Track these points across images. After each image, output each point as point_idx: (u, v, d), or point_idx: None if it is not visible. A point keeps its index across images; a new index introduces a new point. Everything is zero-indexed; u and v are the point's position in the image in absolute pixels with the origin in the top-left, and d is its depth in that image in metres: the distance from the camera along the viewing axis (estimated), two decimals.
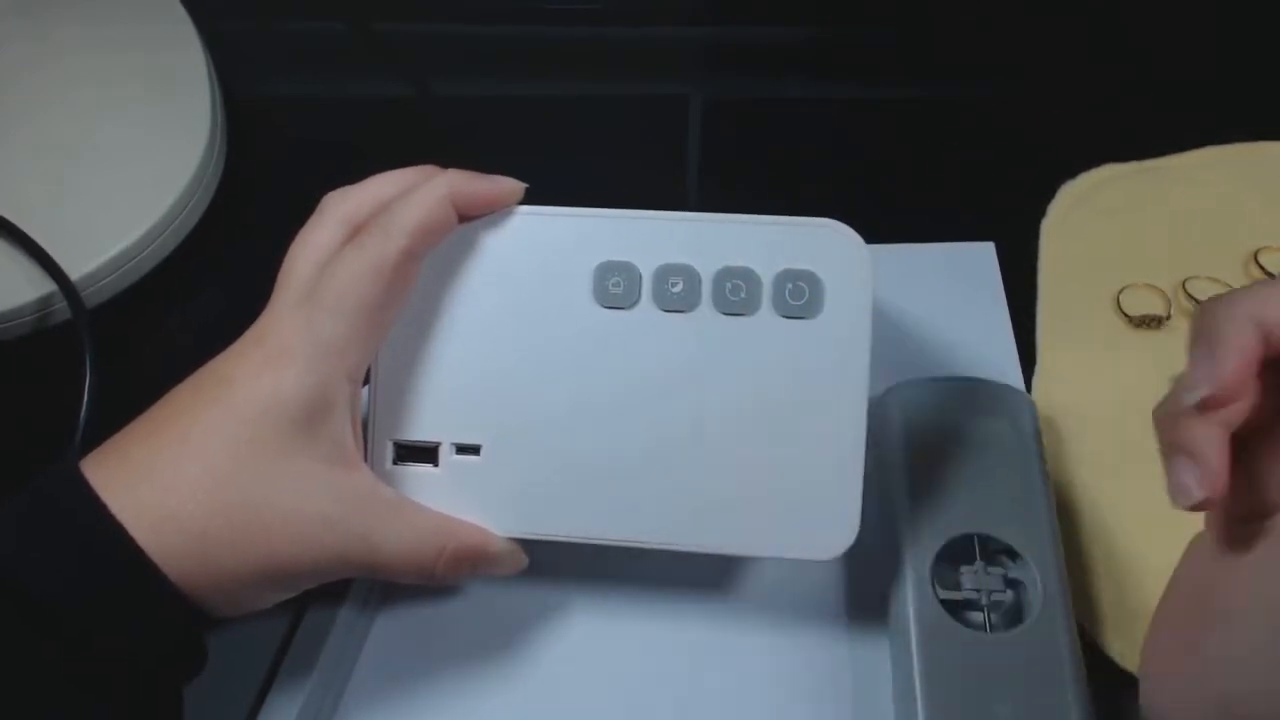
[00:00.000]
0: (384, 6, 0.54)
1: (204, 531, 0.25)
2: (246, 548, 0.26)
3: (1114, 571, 0.34)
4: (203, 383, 0.27)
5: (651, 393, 0.29)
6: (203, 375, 0.28)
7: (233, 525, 0.26)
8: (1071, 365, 0.39)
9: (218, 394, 0.27)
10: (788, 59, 0.51)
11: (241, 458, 0.26)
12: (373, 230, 0.28)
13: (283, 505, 0.26)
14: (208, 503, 0.25)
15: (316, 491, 0.27)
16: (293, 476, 0.26)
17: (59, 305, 0.40)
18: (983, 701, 0.29)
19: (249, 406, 0.26)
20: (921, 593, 0.31)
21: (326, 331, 0.27)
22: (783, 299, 0.29)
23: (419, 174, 0.30)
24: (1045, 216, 0.43)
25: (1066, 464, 0.36)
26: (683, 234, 0.29)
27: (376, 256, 0.27)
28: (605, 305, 0.29)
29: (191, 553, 0.25)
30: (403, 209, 0.28)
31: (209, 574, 0.26)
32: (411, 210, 0.28)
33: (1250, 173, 0.43)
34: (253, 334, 0.28)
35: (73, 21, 0.47)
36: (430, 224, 0.28)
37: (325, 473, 0.27)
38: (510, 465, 0.30)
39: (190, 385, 0.28)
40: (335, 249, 0.28)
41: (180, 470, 0.25)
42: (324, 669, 0.32)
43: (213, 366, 0.28)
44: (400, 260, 0.28)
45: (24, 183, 0.42)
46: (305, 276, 0.28)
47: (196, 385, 0.28)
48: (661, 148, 0.48)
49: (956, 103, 0.48)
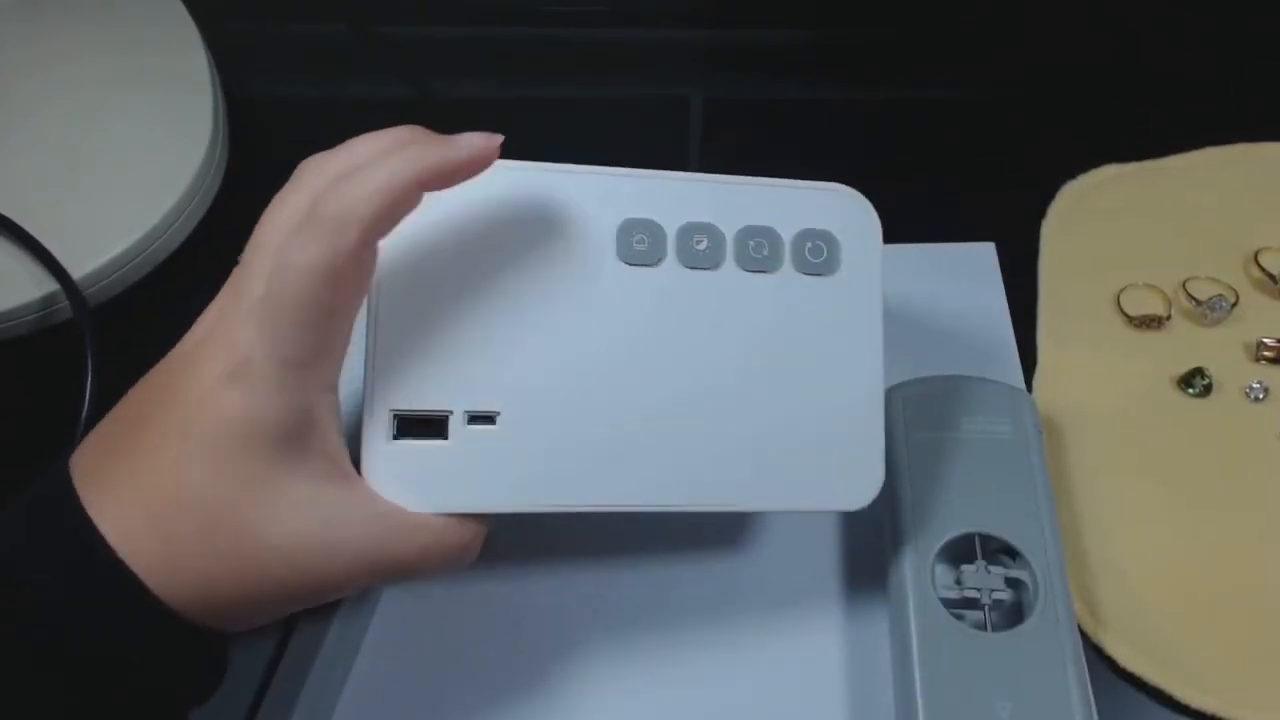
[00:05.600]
0: (385, 8, 0.54)
1: (207, 575, 0.24)
2: (252, 585, 0.25)
3: (1114, 572, 0.34)
4: (165, 401, 0.25)
5: (677, 351, 0.29)
6: (156, 390, 0.25)
7: (233, 570, 0.24)
8: (1071, 365, 0.39)
9: (186, 421, 0.24)
10: (788, 60, 0.51)
11: (227, 498, 0.24)
12: (324, 220, 0.24)
13: (282, 544, 0.24)
14: (201, 548, 0.24)
15: (314, 518, 0.25)
16: (287, 506, 0.25)
17: (61, 304, 0.40)
18: (983, 701, 0.29)
19: (226, 434, 0.24)
20: (922, 592, 0.31)
21: (290, 346, 0.24)
22: (802, 256, 0.30)
23: (396, 139, 0.26)
24: (1045, 216, 0.43)
25: (1066, 464, 0.36)
26: (704, 194, 0.30)
27: (329, 252, 0.24)
28: (630, 263, 0.29)
29: (194, 597, 0.24)
30: (356, 191, 0.24)
31: (214, 610, 0.25)
32: (365, 195, 0.24)
33: (1250, 173, 0.43)
34: (204, 331, 0.25)
35: (76, 23, 0.47)
36: (387, 210, 0.25)
37: (320, 494, 0.25)
38: (532, 432, 0.28)
39: (150, 403, 0.25)
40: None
41: (168, 518, 0.24)
42: (320, 670, 0.32)
43: (167, 382, 0.25)
44: (355, 253, 0.25)
45: (27, 182, 0.42)
46: (267, 264, 0.25)
47: (159, 405, 0.25)
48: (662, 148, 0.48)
49: (956, 103, 0.48)
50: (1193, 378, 0.38)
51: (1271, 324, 0.39)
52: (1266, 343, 0.38)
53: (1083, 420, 0.37)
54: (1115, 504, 0.36)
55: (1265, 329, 0.39)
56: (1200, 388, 0.38)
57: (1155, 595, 0.34)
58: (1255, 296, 0.40)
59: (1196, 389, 0.38)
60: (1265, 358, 0.38)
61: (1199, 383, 0.38)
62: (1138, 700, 0.32)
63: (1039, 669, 0.29)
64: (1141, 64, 0.48)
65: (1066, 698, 0.29)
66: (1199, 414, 0.37)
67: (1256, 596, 0.34)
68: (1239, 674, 0.32)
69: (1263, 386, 0.37)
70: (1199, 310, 0.39)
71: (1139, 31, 0.50)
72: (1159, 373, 0.38)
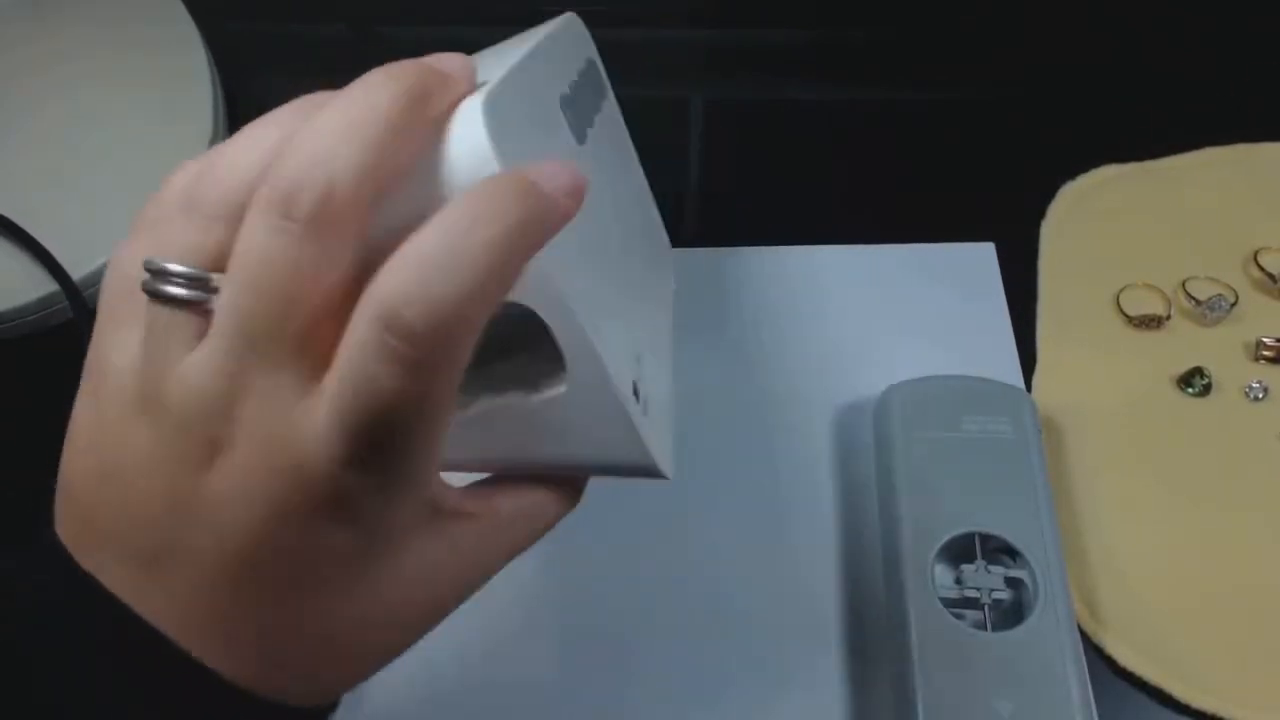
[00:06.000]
0: (385, 8, 0.54)
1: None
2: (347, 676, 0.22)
3: (1114, 571, 0.34)
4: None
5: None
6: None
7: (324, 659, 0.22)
8: (1071, 365, 0.39)
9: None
10: (788, 60, 0.51)
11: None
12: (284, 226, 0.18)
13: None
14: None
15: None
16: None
17: (60, 305, 0.40)
18: (982, 700, 0.29)
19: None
20: (921, 591, 0.31)
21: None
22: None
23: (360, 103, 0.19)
24: (1045, 216, 0.43)
25: (1066, 464, 0.36)
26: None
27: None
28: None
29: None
30: (309, 179, 0.18)
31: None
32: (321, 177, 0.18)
33: (1250, 173, 0.43)
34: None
35: (76, 22, 0.47)
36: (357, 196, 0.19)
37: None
38: (659, 381, 0.27)
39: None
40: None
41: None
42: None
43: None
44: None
45: (26, 183, 0.42)
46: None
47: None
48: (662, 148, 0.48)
49: (956, 103, 0.48)
50: (1192, 377, 0.38)
51: (1271, 324, 0.39)
52: (1266, 342, 0.38)
53: (1082, 420, 0.37)
54: (1115, 503, 0.36)
55: (1265, 329, 0.39)
56: (1200, 387, 0.38)
57: (1155, 595, 0.34)
58: (1255, 296, 0.40)
59: (1196, 389, 0.38)
60: (1265, 357, 0.38)
61: (1199, 382, 0.38)
62: (1138, 700, 0.32)
63: (1039, 669, 0.29)
64: (1141, 64, 0.48)
65: (1066, 698, 0.29)
66: (1198, 414, 0.37)
67: (1256, 596, 0.34)
68: (1239, 674, 0.32)
69: (1262, 386, 0.37)
70: (1198, 310, 0.39)
71: (1139, 31, 0.50)
72: (1159, 372, 0.38)
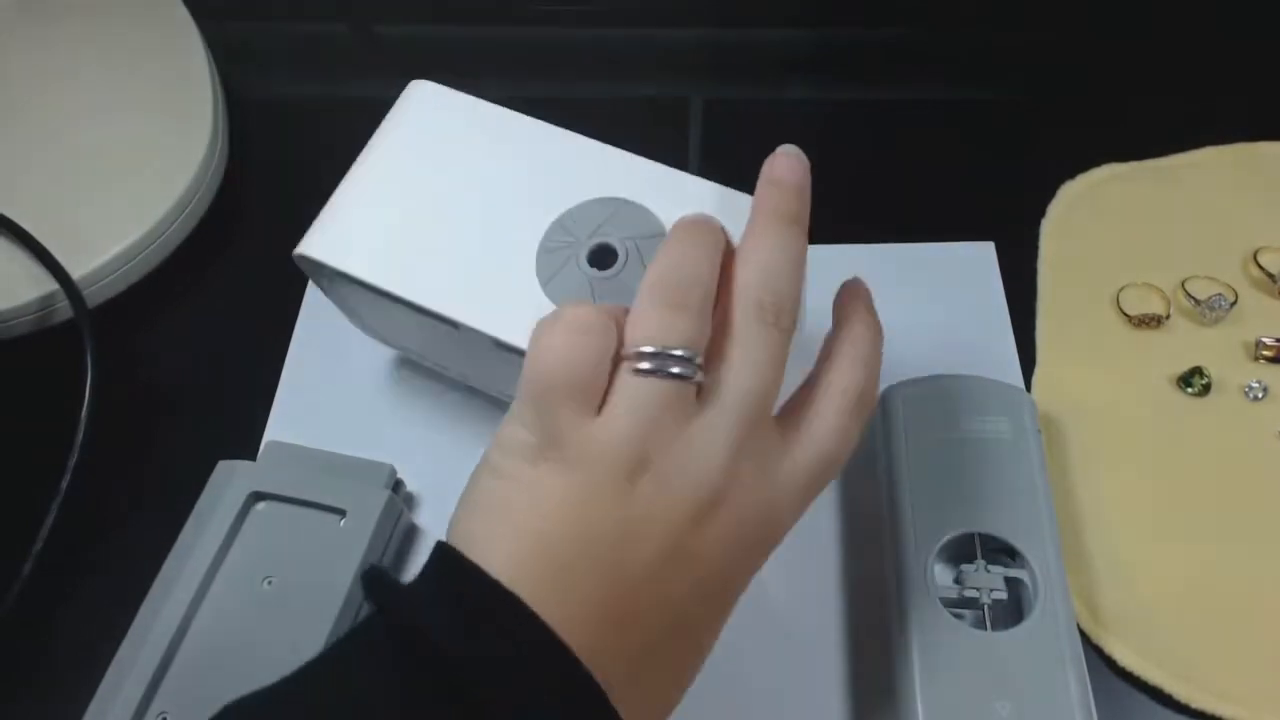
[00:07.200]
0: (385, 8, 0.54)
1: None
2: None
3: (1114, 571, 0.34)
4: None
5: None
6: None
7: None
8: (1071, 365, 0.39)
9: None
10: (788, 60, 0.51)
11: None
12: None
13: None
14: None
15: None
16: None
17: (61, 304, 0.40)
18: (982, 700, 0.29)
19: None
20: (921, 591, 0.31)
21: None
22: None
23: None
24: (1045, 216, 0.43)
25: (1066, 463, 0.36)
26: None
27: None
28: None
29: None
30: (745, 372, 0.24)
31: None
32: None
33: (1250, 173, 0.43)
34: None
35: (76, 23, 0.47)
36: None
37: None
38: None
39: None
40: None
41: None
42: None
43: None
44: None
45: (27, 182, 0.42)
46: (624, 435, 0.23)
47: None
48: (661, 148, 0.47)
49: (956, 103, 0.48)
50: (1192, 377, 0.38)
51: (1271, 323, 0.39)
52: (1265, 342, 0.38)
53: (1082, 419, 0.37)
54: (1114, 503, 0.36)
55: (1264, 328, 0.39)
56: (1199, 387, 0.38)
57: (1155, 595, 0.34)
58: (1254, 296, 0.40)
59: (1195, 388, 0.38)
60: (1264, 357, 0.38)
61: (1198, 382, 0.38)
62: (1138, 700, 0.32)
63: (1039, 669, 0.29)
64: (1141, 64, 0.48)
65: (1066, 698, 0.29)
66: (1198, 413, 0.37)
67: (1256, 596, 0.34)
68: (1239, 674, 0.32)
69: (1262, 386, 0.37)
70: (1198, 309, 0.39)
71: (1139, 31, 0.50)
72: (1158, 372, 0.38)
